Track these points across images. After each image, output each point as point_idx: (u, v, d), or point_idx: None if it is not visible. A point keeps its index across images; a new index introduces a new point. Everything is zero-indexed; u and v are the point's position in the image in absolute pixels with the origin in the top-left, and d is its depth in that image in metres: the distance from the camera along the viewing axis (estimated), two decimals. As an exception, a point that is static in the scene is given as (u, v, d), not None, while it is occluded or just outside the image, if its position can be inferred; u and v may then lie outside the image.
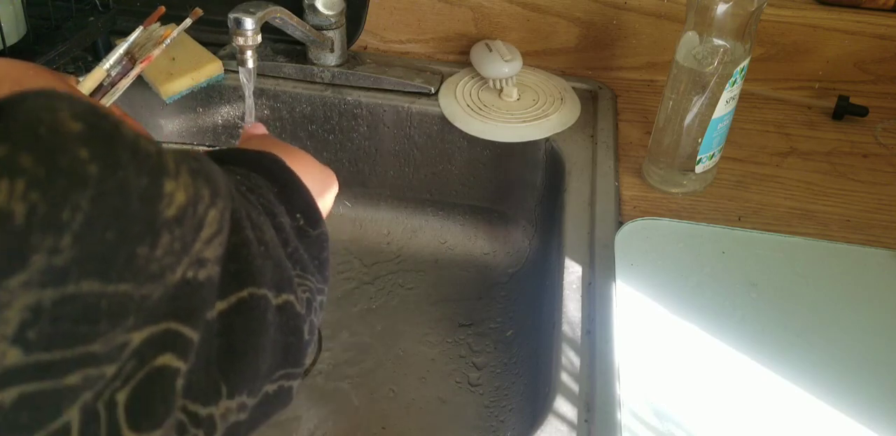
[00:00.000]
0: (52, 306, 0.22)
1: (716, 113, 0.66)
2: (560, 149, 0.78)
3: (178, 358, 0.28)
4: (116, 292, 0.24)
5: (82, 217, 0.23)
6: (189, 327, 0.28)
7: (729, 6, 0.60)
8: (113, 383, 0.25)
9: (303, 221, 0.40)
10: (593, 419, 0.53)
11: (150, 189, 0.25)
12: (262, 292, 0.33)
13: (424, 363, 0.78)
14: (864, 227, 0.69)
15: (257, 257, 0.33)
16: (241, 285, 0.32)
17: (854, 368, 0.56)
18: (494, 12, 0.85)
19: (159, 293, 0.26)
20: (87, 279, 0.23)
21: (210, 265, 0.29)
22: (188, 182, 0.27)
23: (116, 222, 0.24)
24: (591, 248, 0.66)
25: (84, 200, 0.23)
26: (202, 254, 0.28)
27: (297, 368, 0.37)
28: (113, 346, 0.25)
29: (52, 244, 0.22)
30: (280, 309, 0.35)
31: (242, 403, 0.32)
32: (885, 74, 0.84)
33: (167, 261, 0.26)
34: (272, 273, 0.34)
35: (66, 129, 0.23)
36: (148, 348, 0.26)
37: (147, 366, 0.26)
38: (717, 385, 0.55)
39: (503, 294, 0.86)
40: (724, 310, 0.60)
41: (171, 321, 0.27)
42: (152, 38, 0.60)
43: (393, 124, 0.85)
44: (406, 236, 0.91)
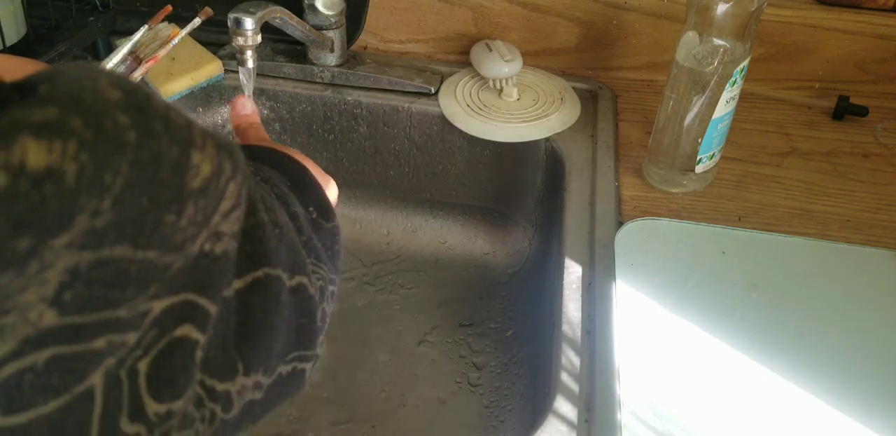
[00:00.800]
0: (88, 269, 0.23)
1: (716, 113, 0.66)
2: (560, 149, 0.78)
3: (197, 329, 0.28)
4: (144, 259, 0.25)
5: (122, 181, 0.23)
6: (207, 300, 0.29)
7: (729, 6, 0.60)
8: (135, 351, 0.26)
9: (316, 213, 0.41)
10: (593, 419, 0.53)
11: (180, 159, 0.25)
12: (276, 273, 0.34)
13: (424, 363, 0.78)
14: (864, 227, 0.69)
15: (272, 239, 0.34)
16: (256, 265, 0.32)
17: (854, 367, 0.56)
18: (494, 12, 0.85)
19: (180, 264, 0.26)
20: (121, 244, 0.24)
21: (227, 239, 0.29)
22: (213, 155, 0.27)
23: (150, 189, 0.24)
24: (591, 248, 0.65)
25: (124, 164, 0.23)
26: (220, 227, 0.29)
27: (309, 350, 0.37)
28: (136, 313, 0.25)
29: (95, 206, 0.22)
30: (294, 291, 0.35)
31: (258, 381, 0.33)
32: (885, 74, 0.84)
33: (189, 231, 0.26)
34: (286, 255, 0.35)
35: (106, 95, 0.24)
36: (168, 318, 0.27)
37: (168, 336, 0.27)
38: (716, 385, 0.55)
39: (503, 294, 0.86)
40: (724, 310, 0.60)
41: (189, 293, 0.28)
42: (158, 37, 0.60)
43: (393, 124, 0.85)
44: (406, 236, 0.91)
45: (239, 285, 0.32)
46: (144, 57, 0.59)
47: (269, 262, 0.33)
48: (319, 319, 0.38)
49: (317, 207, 0.41)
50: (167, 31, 0.59)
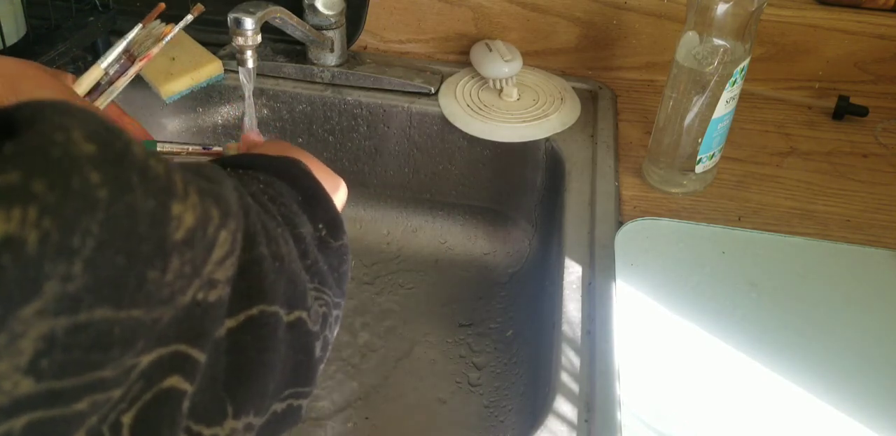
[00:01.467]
0: (65, 335, 0.22)
1: (716, 113, 0.66)
2: (560, 149, 0.78)
3: (185, 380, 0.27)
4: (129, 318, 0.24)
5: (93, 242, 0.22)
6: (197, 349, 0.28)
7: (729, 6, 0.60)
8: (119, 405, 0.25)
9: (325, 231, 0.40)
10: (593, 419, 0.53)
11: (158, 212, 0.25)
12: (272, 309, 0.32)
13: (424, 363, 0.78)
14: (864, 227, 0.69)
15: (270, 274, 0.32)
16: (251, 303, 0.31)
17: (854, 367, 0.56)
18: (494, 12, 0.85)
19: (169, 316, 0.26)
20: (100, 306, 0.23)
21: (221, 286, 0.28)
22: (196, 203, 0.26)
23: (126, 246, 0.23)
24: (591, 248, 0.65)
25: (94, 224, 0.22)
26: (213, 275, 0.28)
27: (306, 387, 0.36)
28: (122, 370, 0.24)
29: (64, 271, 0.22)
30: (291, 326, 0.34)
31: (249, 423, 0.32)
32: (885, 74, 0.84)
33: (178, 284, 0.26)
34: (285, 289, 0.34)
35: (79, 151, 0.23)
36: (155, 371, 0.26)
37: (154, 388, 0.26)
38: (717, 385, 0.55)
39: (503, 294, 0.86)
40: (724, 310, 0.60)
41: (180, 343, 0.27)
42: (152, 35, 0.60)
43: (393, 124, 0.85)
44: (406, 236, 0.91)
45: (231, 325, 0.30)
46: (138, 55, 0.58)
47: (265, 298, 0.32)
48: (319, 350, 0.37)
49: (326, 225, 0.40)
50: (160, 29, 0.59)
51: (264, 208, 0.35)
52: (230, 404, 0.30)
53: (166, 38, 0.60)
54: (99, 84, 0.58)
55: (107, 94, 0.58)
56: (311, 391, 0.37)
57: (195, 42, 0.83)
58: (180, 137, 0.90)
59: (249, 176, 0.38)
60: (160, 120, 0.89)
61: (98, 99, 0.58)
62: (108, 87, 0.58)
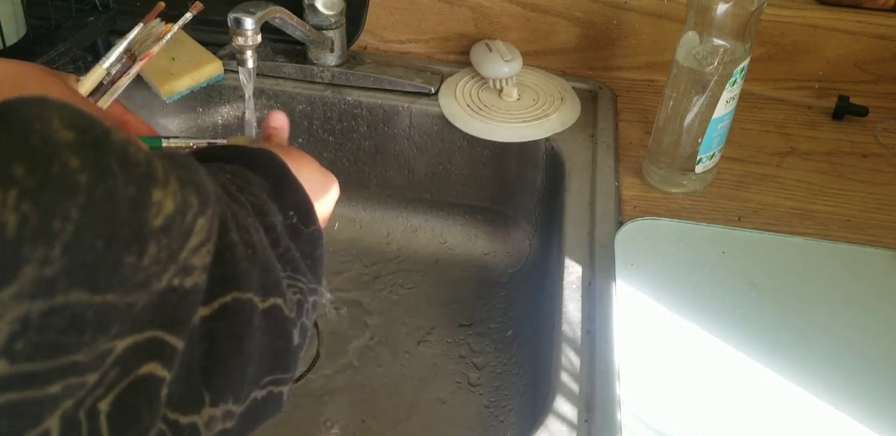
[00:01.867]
0: (40, 318, 0.22)
1: (716, 113, 0.65)
2: (560, 149, 0.78)
3: (163, 367, 0.27)
4: (103, 302, 0.24)
5: (72, 227, 0.22)
6: (174, 336, 0.28)
7: (729, 6, 0.60)
8: (95, 390, 0.25)
9: (296, 218, 0.40)
10: (593, 419, 0.53)
11: (138, 198, 0.25)
12: (247, 297, 0.33)
13: (424, 363, 0.78)
14: (864, 227, 0.69)
15: (242, 261, 0.33)
16: (224, 290, 0.31)
17: (854, 367, 0.56)
18: (494, 12, 0.85)
19: (144, 301, 0.26)
20: (75, 289, 0.23)
21: (197, 273, 0.28)
22: (176, 190, 0.26)
23: (105, 231, 0.23)
24: (591, 248, 0.65)
25: (74, 209, 0.22)
26: (189, 261, 0.28)
27: (286, 373, 0.36)
28: (96, 354, 0.24)
29: (43, 255, 0.22)
30: (266, 313, 0.34)
31: (228, 410, 0.32)
32: (885, 74, 0.84)
33: (153, 269, 0.26)
34: (258, 276, 0.34)
35: (57, 137, 0.23)
36: (131, 357, 0.26)
37: (131, 374, 0.26)
38: (717, 385, 0.55)
39: (503, 294, 0.86)
40: (724, 310, 0.60)
41: (156, 330, 0.27)
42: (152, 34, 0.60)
43: (393, 124, 0.85)
44: (406, 236, 0.91)
45: (205, 313, 0.30)
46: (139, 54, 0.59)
47: (239, 285, 0.32)
48: (298, 338, 0.37)
49: (297, 211, 0.40)
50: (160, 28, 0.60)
51: (233, 198, 0.35)
52: (207, 391, 0.31)
53: (166, 36, 0.60)
54: (102, 84, 0.58)
55: (109, 93, 0.58)
56: (291, 378, 0.37)
57: (195, 42, 0.83)
58: (180, 137, 0.90)
59: (216, 167, 0.38)
60: (160, 120, 0.89)
61: (101, 99, 0.58)
62: (111, 86, 0.58)
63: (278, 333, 0.35)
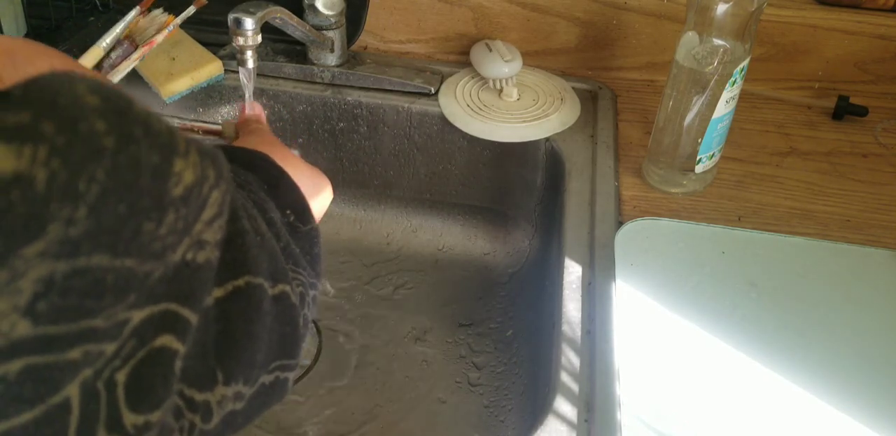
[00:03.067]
0: (63, 279, 0.22)
1: (716, 113, 0.66)
2: (560, 149, 0.78)
3: (177, 339, 0.28)
4: (122, 267, 0.24)
5: (98, 188, 0.22)
6: (188, 309, 0.28)
7: (729, 6, 0.60)
8: (113, 362, 0.25)
9: (293, 217, 0.40)
10: (593, 419, 0.53)
11: (161, 166, 0.25)
12: (258, 281, 0.33)
13: (424, 363, 0.78)
14: (864, 227, 0.69)
15: (253, 247, 0.33)
16: (237, 274, 0.32)
17: (854, 367, 0.56)
18: (494, 12, 0.85)
19: (160, 272, 0.26)
20: (97, 253, 0.23)
21: (209, 248, 0.29)
22: (196, 162, 0.27)
23: (128, 196, 0.24)
24: (591, 248, 0.66)
25: (100, 171, 0.23)
26: (202, 235, 0.28)
27: (292, 359, 0.37)
28: (114, 322, 0.25)
29: (69, 214, 0.22)
30: (276, 299, 0.35)
31: (238, 391, 0.32)
32: (885, 74, 0.84)
33: (170, 240, 0.26)
34: (268, 263, 0.34)
35: (84, 101, 0.23)
36: (148, 328, 0.26)
37: (147, 346, 0.26)
38: (717, 385, 0.55)
39: (503, 294, 0.86)
40: (724, 310, 0.60)
41: (170, 302, 0.27)
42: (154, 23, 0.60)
43: (393, 124, 0.85)
44: (406, 236, 0.91)
45: (219, 294, 0.31)
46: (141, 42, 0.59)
47: (250, 270, 0.33)
48: (301, 326, 0.37)
49: (294, 211, 0.40)
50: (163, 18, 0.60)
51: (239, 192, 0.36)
52: (220, 371, 0.31)
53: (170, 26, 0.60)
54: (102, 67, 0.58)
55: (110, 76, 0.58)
56: (296, 364, 0.37)
57: (195, 42, 0.83)
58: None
59: None
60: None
61: None
62: (111, 69, 0.58)
63: (286, 319, 0.36)
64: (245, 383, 0.33)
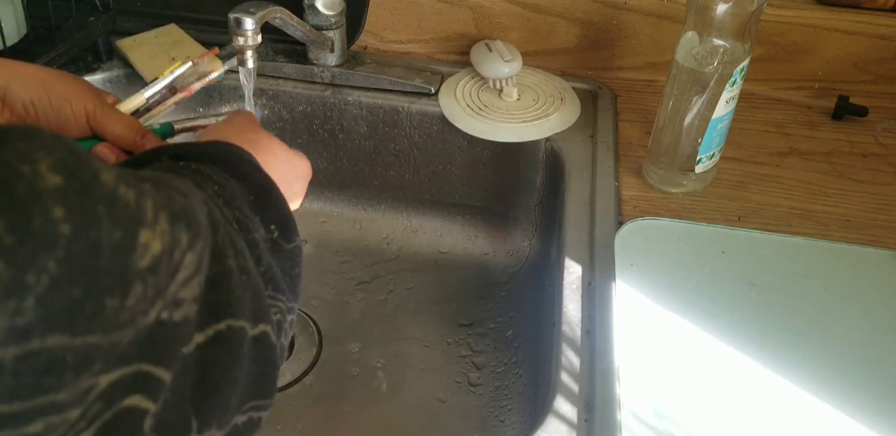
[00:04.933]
0: (14, 362, 0.22)
1: (716, 113, 0.66)
2: (560, 149, 0.78)
3: (148, 399, 0.27)
4: (84, 344, 0.23)
5: (47, 279, 0.22)
6: (161, 368, 0.27)
7: (729, 6, 0.60)
8: (77, 424, 0.25)
9: (277, 233, 0.39)
10: (593, 419, 0.53)
11: (123, 242, 0.24)
12: (239, 324, 0.32)
13: (424, 363, 0.78)
14: (864, 227, 0.69)
15: (237, 288, 0.32)
16: (219, 317, 0.31)
17: (854, 367, 0.56)
18: (494, 12, 0.85)
19: (130, 338, 0.25)
20: (53, 334, 0.22)
21: (187, 305, 0.28)
22: (166, 230, 0.26)
23: (84, 279, 0.23)
24: (591, 248, 0.65)
25: (52, 261, 0.22)
26: (178, 295, 0.27)
27: (267, 399, 0.36)
28: (78, 391, 0.24)
29: (14, 307, 0.21)
30: (256, 340, 0.34)
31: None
32: (885, 74, 0.84)
33: (139, 308, 0.25)
34: (251, 303, 0.34)
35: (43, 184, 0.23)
36: (115, 391, 0.26)
37: (114, 407, 0.26)
38: (716, 385, 0.55)
39: (503, 294, 0.86)
40: (724, 310, 0.60)
41: (142, 363, 0.26)
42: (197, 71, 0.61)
43: (393, 124, 0.85)
44: (406, 236, 0.91)
45: (200, 340, 0.30)
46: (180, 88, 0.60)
47: (233, 313, 0.32)
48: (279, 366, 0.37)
49: (279, 226, 0.39)
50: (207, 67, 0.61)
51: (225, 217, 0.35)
52: (195, 418, 0.30)
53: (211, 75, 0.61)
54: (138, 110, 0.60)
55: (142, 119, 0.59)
56: (271, 404, 0.36)
57: (195, 42, 0.83)
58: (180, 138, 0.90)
59: (204, 176, 0.38)
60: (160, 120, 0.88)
61: None
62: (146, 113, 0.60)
63: (265, 360, 0.35)
64: (218, 427, 0.32)
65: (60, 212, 0.22)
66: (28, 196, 0.22)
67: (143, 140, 0.55)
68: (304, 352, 0.79)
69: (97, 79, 0.83)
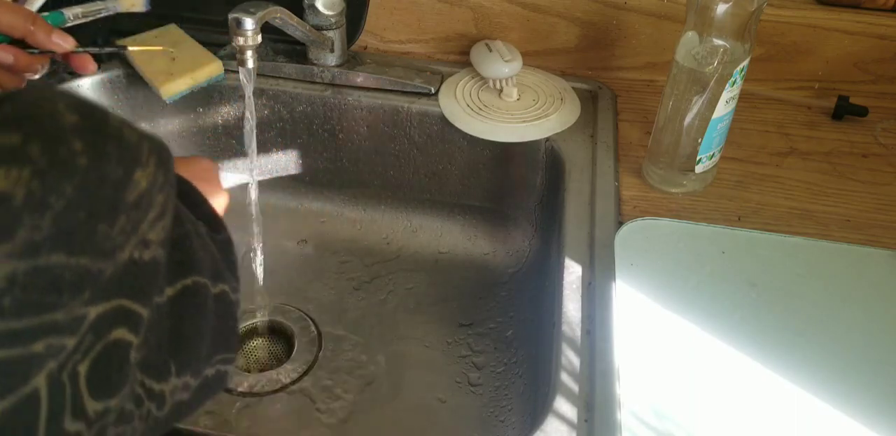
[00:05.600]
0: (24, 276, 0.25)
1: (716, 113, 0.66)
2: (560, 149, 0.78)
3: (130, 332, 0.30)
4: (77, 265, 0.27)
5: (64, 201, 0.26)
6: (139, 305, 0.31)
7: (729, 6, 0.60)
8: (74, 355, 0.27)
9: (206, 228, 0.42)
10: (593, 419, 0.53)
11: (123, 178, 0.28)
12: (203, 281, 0.36)
13: (424, 363, 0.78)
14: (864, 227, 0.69)
15: (198, 249, 0.36)
16: (185, 273, 0.35)
17: (854, 368, 0.56)
18: (494, 12, 0.85)
19: (110, 271, 0.28)
20: (56, 252, 0.26)
21: (154, 247, 0.31)
22: (153, 171, 0.30)
23: (88, 204, 0.27)
24: (591, 248, 0.66)
25: (70, 187, 0.26)
26: (147, 235, 0.31)
27: (231, 353, 0.40)
28: (73, 317, 0.27)
29: (36, 222, 0.25)
30: (217, 298, 0.38)
31: (186, 382, 0.35)
32: (885, 74, 0.84)
33: (119, 240, 0.29)
34: (210, 264, 0.37)
35: (65, 120, 0.27)
36: (103, 323, 0.29)
37: (103, 339, 0.29)
38: (716, 385, 0.55)
39: (503, 294, 0.86)
40: (724, 310, 0.60)
41: (122, 298, 0.30)
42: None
43: (393, 124, 0.85)
44: (406, 236, 0.91)
45: (170, 292, 0.34)
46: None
47: (197, 270, 0.36)
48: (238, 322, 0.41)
49: (206, 221, 0.42)
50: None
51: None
52: (173, 363, 0.34)
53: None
54: None
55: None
56: (234, 358, 0.40)
57: (195, 42, 0.83)
58: (181, 137, 0.90)
59: None
60: (160, 120, 0.89)
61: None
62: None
63: (227, 316, 0.39)
64: (192, 375, 0.36)
65: (79, 145, 0.26)
66: (54, 128, 0.26)
67: (35, 27, 0.57)
68: (304, 352, 0.79)
69: (97, 79, 0.83)
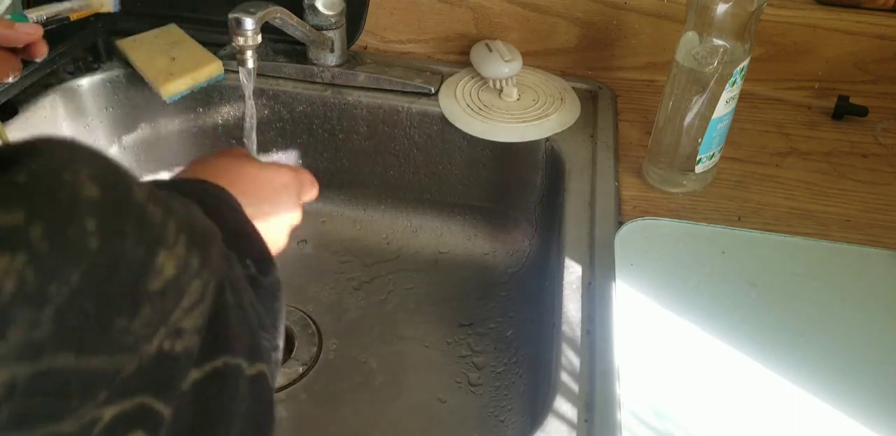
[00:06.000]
0: (26, 382, 0.21)
1: (716, 113, 0.66)
2: (560, 149, 0.78)
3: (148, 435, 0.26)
4: (89, 366, 0.23)
5: (68, 291, 0.22)
6: (162, 403, 0.27)
7: (729, 6, 0.60)
8: None
9: (254, 268, 0.38)
10: (593, 419, 0.53)
11: (143, 261, 0.24)
12: (236, 362, 0.32)
13: (424, 363, 0.78)
14: (864, 227, 0.69)
15: (235, 324, 0.32)
16: (217, 353, 0.31)
17: (854, 368, 0.56)
18: (494, 12, 0.85)
19: (133, 366, 0.25)
20: (62, 352, 0.22)
21: (188, 336, 0.28)
22: (181, 254, 0.26)
23: (100, 294, 0.23)
24: (591, 248, 0.66)
25: (75, 274, 0.22)
26: (180, 324, 0.27)
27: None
28: (83, 423, 0.24)
29: (33, 317, 0.21)
30: (253, 380, 0.33)
31: None
32: (885, 74, 0.84)
33: (144, 332, 0.25)
34: (247, 341, 0.33)
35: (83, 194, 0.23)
36: (118, 425, 0.25)
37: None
38: (716, 385, 0.55)
39: (503, 294, 0.86)
40: (724, 310, 0.60)
41: (144, 395, 0.26)
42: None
43: (393, 124, 0.85)
44: (406, 236, 0.91)
45: (196, 376, 0.29)
46: None
47: (231, 349, 0.31)
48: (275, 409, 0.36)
49: (255, 260, 0.38)
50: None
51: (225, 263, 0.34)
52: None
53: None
54: None
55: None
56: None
57: (195, 42, 0.83)
58: (180, 137, 0.90)
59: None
60: (160, 120, 0.89)
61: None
62: None
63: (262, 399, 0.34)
64: None
65: (93, 224, 0.23)
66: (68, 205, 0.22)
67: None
68: (304, 352, 0.79)
69: (97, 79, 0.83)
